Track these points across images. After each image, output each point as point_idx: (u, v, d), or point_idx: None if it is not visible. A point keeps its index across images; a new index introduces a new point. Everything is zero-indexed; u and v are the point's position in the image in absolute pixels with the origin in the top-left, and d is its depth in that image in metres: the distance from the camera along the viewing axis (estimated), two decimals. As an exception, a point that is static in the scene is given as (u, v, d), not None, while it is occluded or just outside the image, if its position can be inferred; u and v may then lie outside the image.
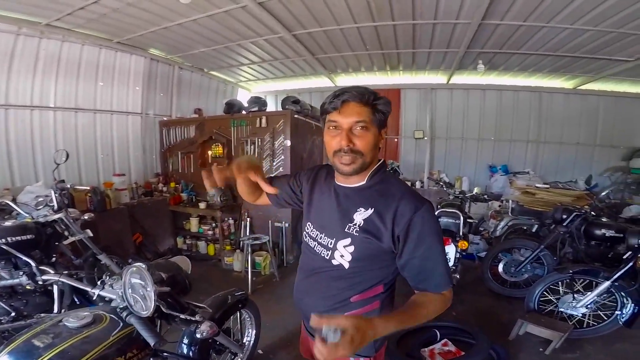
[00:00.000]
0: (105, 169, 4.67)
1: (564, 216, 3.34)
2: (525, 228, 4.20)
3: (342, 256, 1.05)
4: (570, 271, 2.74)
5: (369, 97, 0.98)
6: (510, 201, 4.81)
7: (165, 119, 5.53)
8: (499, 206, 5.17)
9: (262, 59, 5.65)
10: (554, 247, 3.38)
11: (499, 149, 6.68)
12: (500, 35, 4.25)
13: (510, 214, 4.55)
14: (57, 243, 2.52)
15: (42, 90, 3.96)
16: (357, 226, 1.02)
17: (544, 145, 6.41)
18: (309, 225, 1.18)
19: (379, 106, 1.00)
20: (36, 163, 3.89)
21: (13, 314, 1.94)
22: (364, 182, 1.06)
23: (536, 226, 4.07)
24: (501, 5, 3.46)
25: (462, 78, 6.44)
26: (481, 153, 6.78)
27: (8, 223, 2.29)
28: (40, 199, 2.85)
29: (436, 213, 3.63)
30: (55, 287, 1.96)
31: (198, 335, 1.52)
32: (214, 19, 3.94)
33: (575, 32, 3.91)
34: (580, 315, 2.74)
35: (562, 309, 2.81)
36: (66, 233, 2.59)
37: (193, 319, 1.42)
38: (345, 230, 1.03)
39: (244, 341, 2.21)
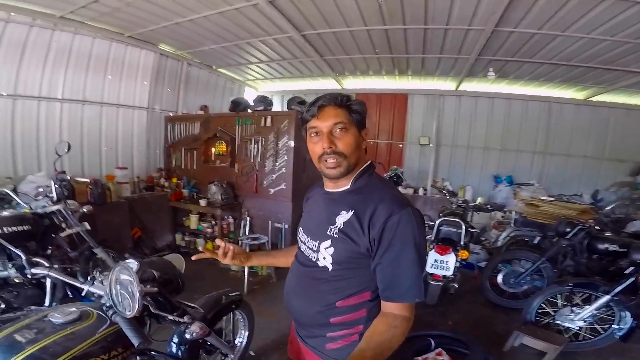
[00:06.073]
0: (108, 162, 4.68)
1: (568, 229, 3.38)
2: (527, 240, 4.20)
3: (324, 258, 1.07)
4: (570, 284, 2.80)
5: (342, 100, 1.04)
6: (513, 212, 4.76)
7: (171, 114, 5.54)
8: (502, 217, 5.11)
9: (270, 58, 5.64)
10: (555, 260, 3.40)
11: (504, 159, 6.56)
12: (513, 42, 4.19)
13: (512, 225, 4.52)
14: (53, 235, 2.51)
15: (51, 81, 3.99)
16: (337, 228, 1.04)
17: (551, 157, 6.30)
18: (299, 230, 1.24)
19: (353, 107, 1.05)
20: (40, 153, 3.91)
21: (2, 305, 1.90)
22: (349, 186, 1.09)
23: (538, 238, 4.06)
24: (516, 13, 3.40)
25: (471, 85, 6.37)
26: (487, 162, 6.67)
27: (5, 213, 2.28)
28: (41, 190, 2.84)
29: (437, 222, 3.60)
30: (48, 280, 1.91)
31: (188, 336, 1.49)
32: (225, 16, 3.94)
33: (591, 42, 3.84)
34: (577, 328, 2.75)
35: (559, 322, 2.82)
36: (64, 225, 2.58)
37: (182, 320, 1.39)
38: (327, 232, 1.06)
39: (236, 342, 2.19)
